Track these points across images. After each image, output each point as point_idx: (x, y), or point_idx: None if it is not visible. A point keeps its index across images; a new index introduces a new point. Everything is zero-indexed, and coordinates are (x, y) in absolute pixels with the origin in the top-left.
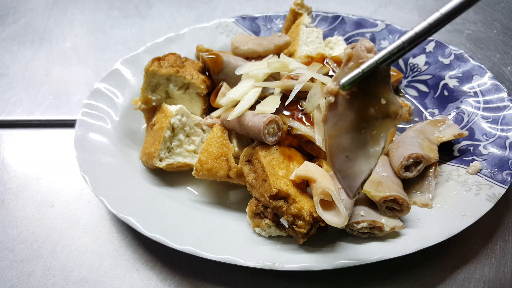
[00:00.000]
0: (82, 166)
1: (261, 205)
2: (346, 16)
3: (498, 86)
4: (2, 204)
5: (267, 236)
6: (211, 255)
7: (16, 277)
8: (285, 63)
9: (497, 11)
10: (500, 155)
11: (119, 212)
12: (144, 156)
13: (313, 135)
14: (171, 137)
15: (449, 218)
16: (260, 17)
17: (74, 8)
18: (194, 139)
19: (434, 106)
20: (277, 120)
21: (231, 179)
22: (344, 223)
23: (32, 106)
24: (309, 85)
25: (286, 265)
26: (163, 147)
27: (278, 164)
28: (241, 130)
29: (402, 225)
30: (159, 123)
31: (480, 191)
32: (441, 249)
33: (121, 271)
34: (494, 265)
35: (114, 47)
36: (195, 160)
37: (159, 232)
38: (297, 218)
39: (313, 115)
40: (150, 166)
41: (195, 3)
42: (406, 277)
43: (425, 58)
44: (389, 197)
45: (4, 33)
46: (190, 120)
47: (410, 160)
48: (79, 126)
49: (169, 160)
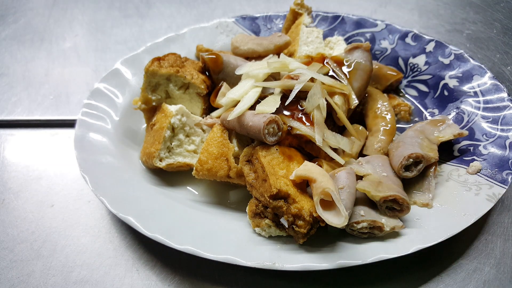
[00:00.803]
0: (82, 166)
1: (261, 205)
2: (346, 16)
3: (498, 86)
4: (2, 204)
5: (267, 236)
6: (211, 255)
7: (16, 277)
8: (285, 63)
9: (497, 11)
10: (500, 155)
11: (119, 212)
12: (144, 156)
13: (313, 135)
14: (171, 137)
15: (449, 218)
16: (260, 17)
17: (74, 8)
18: (194, 139)
19: (434, 106)
20: (277, 120)
21: (231, 179)
22: (344, 223)
23: (32, 106)
24: (309, 85)
25: (286, 265)
26: (163, 147)
27: (278, 164)
28: (241, 130)
29: (402, 225)
30: (159, 123)
31: (480, 191)
32: (441, 249)
33: (121, 271)
34: (494, 265)
35: (114, 47)
36: (195, 160)
37: (159, 232)
38: (297, 218)
39: (313, 115)
40: (150, 166)
41: (195, 3)
42: (406, 277)
43: (425, 58)
44: (389, 197)
45: (4, 33)
46: (190, 120)
47: (410, 160)
48: (79, 126)
49: (169, 160)
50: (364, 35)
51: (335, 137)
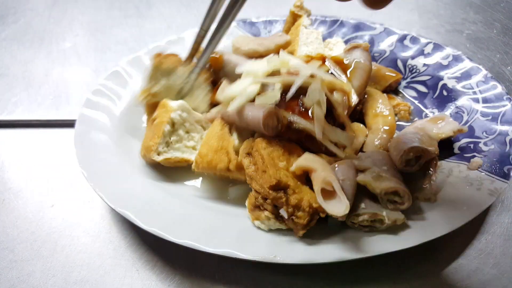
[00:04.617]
0: (81, 161)
1: (261, 197)
2: (345, 20)
3: (497, 85)
4: (2, 204)
5: (267, 229)
6: (211, 249)
7: (16, 277)
8: (284, 60)
9: (497, 11)
10: (501, 151)
11: (117, 207)
12: (143, 150)
13: (313, 129)
14: (170, 132)
15: (451, 212)
16: (260, 22)
17: (74, 8)
18: (194, 135)
19: (433, 106)
20: (277, 112)
21: (231, 172)
22: (345, 212)
23: (32, 106)
24: (309, 81)
25: (287, 258)
26: (161, 141)
27: (278, 157)
28: (241, 123)
29: (404, 218)
30: (159, 118)
31: (481, 186)
32: (441, 249)
33: (121, 271)
34: (494, 265)
35: (114, 47)
36: (193, 156)
37: (158, 226)
38: (296, 209)
39: (313, 110)
40: (148, 160)
41: (195, 3)
42: (406, 275)
43: (423, 59)
44: (390, 189)
45: (4, 33)
46: (190, 117)
47: (411, 154)
48: (80, 123)
49: (167, 154)
50: (363, 37)
51: (335, 131)
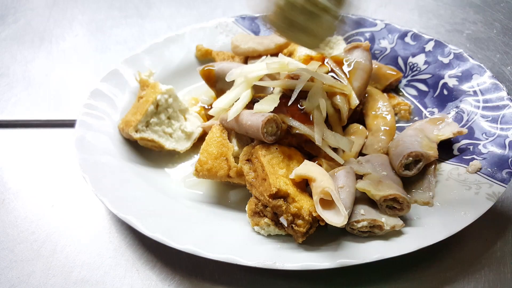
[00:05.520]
0: (83, 166)
1: (261, 204)
2: (345, 16)
3: (498, 85)
4: (2, 204)
5: (266, 235)
6: (212, 255)
7: (16, 277)
8: (284, 63)
9: (497, 11)
10: (500, 154)
11: (119, 212)
12: (123, 123)
13: (313, 135)
14: (153, 113)
15: (449, 216)
16: (259, 17)
17: (74, 8)
18: (174, 123)
19: (433, 105)
20: (276, 119)
21: (231, 179)
22: (343, 222)
23: (32, 106)
24: (309, 85)
25: (286, 264)
26: (143, 119)
27: (278, 163)
28: (240, 129)
29: (402, 223)
30: (146, 97)
31: (480, 190)
32: (441, 249)
33: (121, 271)
34: (494, 265)
35: (114, 47)
36: (168, 143)
37: (160, 232)
38: (296, 217)
39: (313, 114)
40: (125, 135)
41: (195, 3)
42: (406, 277)
43: (424, 57)
44: (389, 196)
45: (4, 33)
46: (176, 104)
47: (410, 159)
48: (79, 126)
49: (144, 134)
50: (364, 34)
51: (334, 136)
